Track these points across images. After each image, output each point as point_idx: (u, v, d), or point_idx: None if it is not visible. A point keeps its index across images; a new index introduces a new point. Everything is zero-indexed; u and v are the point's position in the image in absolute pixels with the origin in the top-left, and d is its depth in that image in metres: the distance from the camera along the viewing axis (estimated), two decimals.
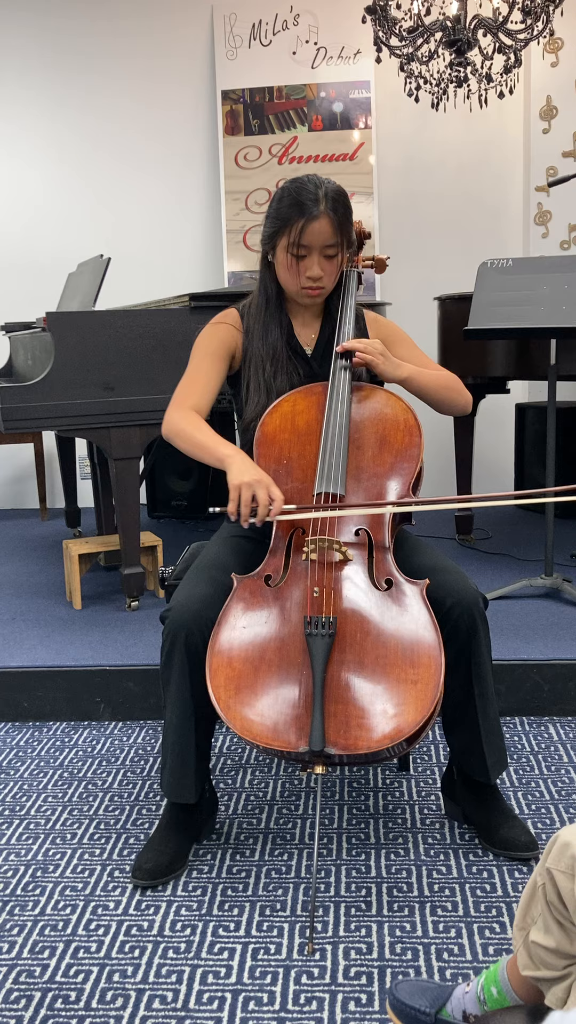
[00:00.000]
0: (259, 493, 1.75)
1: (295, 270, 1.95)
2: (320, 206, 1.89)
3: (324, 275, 1.95)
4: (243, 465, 1.81)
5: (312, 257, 1.93)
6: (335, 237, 1.92)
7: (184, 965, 1.60)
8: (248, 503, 1.75)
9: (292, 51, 4.86)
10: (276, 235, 1.94)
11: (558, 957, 1.19)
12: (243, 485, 1.76)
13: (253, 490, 1.75)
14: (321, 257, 1.93)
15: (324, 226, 1.89)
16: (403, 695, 1.63)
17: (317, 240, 1.91)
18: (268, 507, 1.75)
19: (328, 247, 1.93)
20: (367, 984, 1.53)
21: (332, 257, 1.95)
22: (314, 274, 1.94)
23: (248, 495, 1.75)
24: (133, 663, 2.65)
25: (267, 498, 1.75)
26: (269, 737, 1.62)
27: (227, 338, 2.06)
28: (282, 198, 1.93)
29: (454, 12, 3.64)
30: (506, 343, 3.47)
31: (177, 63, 4.98)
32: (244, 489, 1.75)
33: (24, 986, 1.55)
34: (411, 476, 1.88)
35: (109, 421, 2.98)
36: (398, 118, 4.88)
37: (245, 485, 1.76)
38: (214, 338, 2.06)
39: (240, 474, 1.78)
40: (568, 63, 4.73)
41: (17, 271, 5.15)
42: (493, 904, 1.73)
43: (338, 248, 1.94)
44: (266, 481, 1.78)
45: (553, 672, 2.55)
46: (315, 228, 1.89)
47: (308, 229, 1.89)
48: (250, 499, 1.75)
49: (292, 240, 1.90)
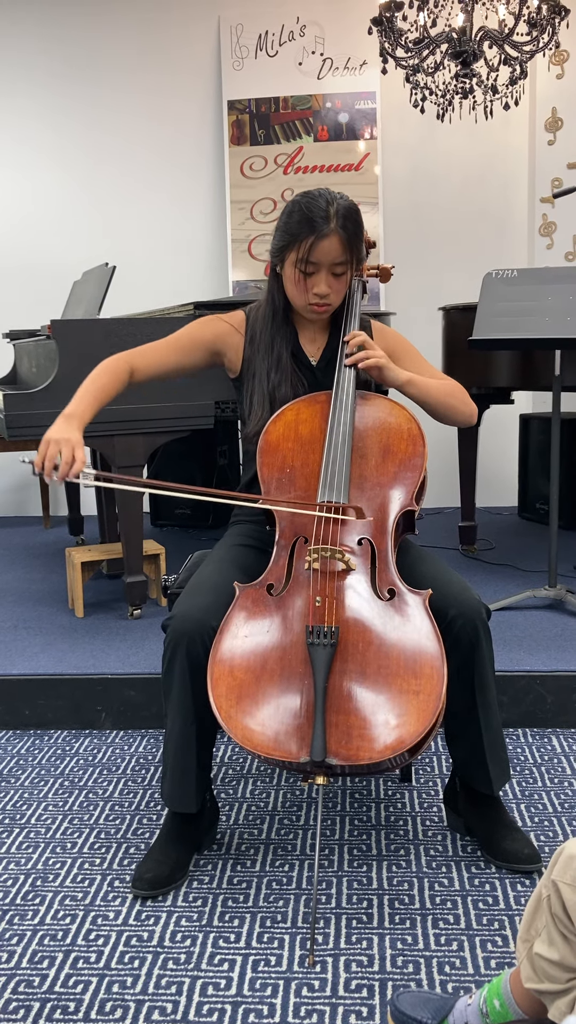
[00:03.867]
0: (64, 451, 1.80)
1: (303, 286, 1.94)
2: (331, 224, 1.87)
3: (331, 292, 1.94)
4: (61, 423, 1.86)
5: (320, 274, 1.92)
6: (344, 255, 1.90)
7: (184, 976, 1.59)
8: (52, 458, 1.80)
9: (298, 62, 4.88)
10: (285, 249, 1.93)
11: (562, 970, 1.18)
12: (51, 441, 1.82)
13: (60, 447, 1.80)
14: (329, 275, 1.92)
15: (334, 244, 1.88)
16: (405, 706, 1.63)
17: (326, 258, 1.89)
18: (69, 466, 1.79)
19: (337, 264, 1.91)
20: (368, 997, 1.52)
21: (340, 275, 1.94)
22: (321, 291, 1.93)
23: (54, 451, 1.80)
24: (135, 672, 2.64)
25: (70, 457, 1.80)
26: (270, 747, 1.61)
27: (220, 333, 2.06)
28: (292, 212, 1.91)
29: (460, 24, 3.65)
30: (510, 354, 3.47)
31: (184, 73, 5.00)
32: (51, 445, 1.81)
33: (23, 996, 1.54)
34: (414, 485, 1.88)
35: (113, 429, 2.98)
36: (403, 129, 4.90)
37: (52, 441, 1.82)
38: (206, 328, 2.07)
39: (54, 431, 1.84)
40: (574, 75, 4.75)
41: (22, 279, 5.16)
42: (495, 917, 1.72)
43: (347, 266, 1.93)
44: (74, 441, 1.82)
45: (557, 684, 2.54)
46: (324, 246, 1.87)
47: (317, 247, 1.87)
48: (55, 455, 1.79)
49: (301, 256, 1.89)
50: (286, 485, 1.90)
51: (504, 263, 4.73)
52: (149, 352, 2.04)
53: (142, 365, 2.02)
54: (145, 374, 2.03)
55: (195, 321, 2.09)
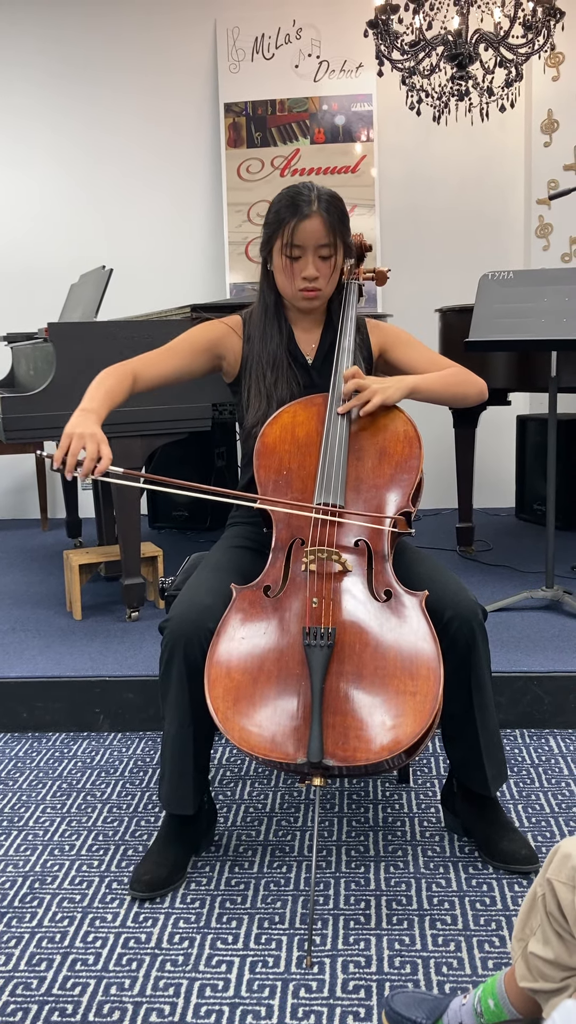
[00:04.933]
0: (89, 446, 1.74)
1: (290, 271, 1.96)
2: (312, 206, 1.91)
3: (320, 276, 1.96)
4: (81, 417, 1.81)
5: (306, 257, 1.94)
6: (328, 237, 1.93)
7: (182, 978, 1.59)
8: (75, 454, 1.74)
9: (295, 64, 4.89)
10: (272, 238, 1.97)
11: (556, 969, 1.18)
12: (74, 435, 1.75)
13: (84, 442, 1.74)
14: (316, 257, 1.94)
15: (317, 225, 1.91)
16: (402, 707, 1.63)
17: (310, 239, 1.92)
18: (95, 462, 1.74)
19: (322, 247, 1.94)
20: (365, 998, 1.52)
21: (327, 259, 1.96)
22: (309, 274, 1.95)
23: (77, 446, 1.74)
24: (133, 674, 2.64)
25: (95, 453, 1.74)
26: (267, 748, 1.62)
27: (219, 337, 2.06)
28: (277, 202, 1.97)
29: (456, 26, 3.66)
30: (507, 355, 3.47)
31: (181, 75, 5.01)
32: (75, 439, 1.75)
33: (21, 999, 1.55)
34: (411, 487, 1.88)
35: (110, 431, 2.96)
36: (400, 131, 4.91)
37: (76, 436, 1.75)
38: (205, 332, 2.07)
39: (75, 425, 1.78)
40: (569, 77, 4.76)
41: (19, 281, 5.17)
42: (493, 918, 1.73)
43: (332, 249, 1.95)
44: (99, 437, 1.77)
45: (554, 684, 2.54)
46: (307, 227, 1.91)
47: (300, 228, 1.91)
48: (78, 450, 1.74)
49: (286, 240, 1.92)
50: (283, 487, 1.90)
51: (500, 265, 4.74)
52: (150, 360, 2.03)
53: (144, 372, 2.01)
54: (148, 381, 2.01)
55: (194, 328, 2.10)
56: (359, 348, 2.08)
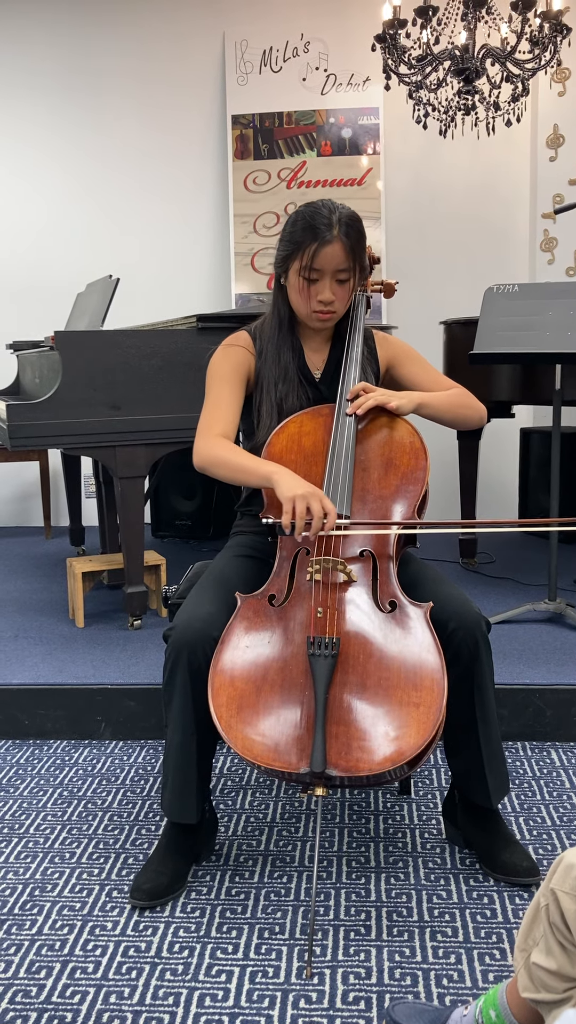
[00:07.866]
0: (313, 505, 1.74)
1: (307, 294, 1.96)
2: (333, 231, 1.90)
3: (336, 300, 1.97)
4: (293, 479, 1.80)
5: (324, 281, 1.94)
6: (347, 262, 1.93)
7: (181, 987, 1.58)
8: (303, 515, 1.74)
9: (302, 77, 4.91)
10: (289, 258, 1.95)
11: (559, 980, 1.18)
12: (297, 497, 1.75)
13: (308, 502, 1.74)
14: (333, 282, 1.94)
15: (336, 251, 1.91)
16: (405, 718, 1.63)
17: (329, 264, 1.92)
18: (323, 519, 1.74)
19: (340, 271, 1.94)
20: (366, 1009, 1.52)
21: (344, 282, 1.96)
22: (325, 298, 1.95)
23: (303, 507, 1.74)
24: (135, 682, 2.64)
25: (321, 510, 1.74)
26: (270, 758, 1.62)
27: (241, 361, 2.05)
28: (296, 222, 1.94)
29: (463, 41, 3.68)
30: (511, 368, 3.48)
31: (188, 87, 5.03)
32: (298, 501, 1.74)
33: (20, 1006, 1.54)
34: (416, 499, 1.88)
35: (115, 440, 2.99)
36: (406, 144, 4.93)
37: (299, 497, 1.75)
38: (227, 362, 2.05)
39: (293, 487, 1.77)
40: (575, 92, 4.78)
41: (26, 290, 5.18)
42: (493, 930, 1.72)
43: (350, 273, 1.95)
44: (319, 494, 1.77)
45: (556, 697, 2.54)
46: (327, 253, 1.90)
47: (320, 253, 1.90)
48: (304, 511, 1.74)
49: (304, 264, 1.92)
50: None
51: (505, 278, 4.76)
52: (220, 418, 1.99)
53: (229, 430, 1.98)
54: (233, 436, 2.00)
55: (215, 364, 2.06)
56: (367, 361, 2.09)
